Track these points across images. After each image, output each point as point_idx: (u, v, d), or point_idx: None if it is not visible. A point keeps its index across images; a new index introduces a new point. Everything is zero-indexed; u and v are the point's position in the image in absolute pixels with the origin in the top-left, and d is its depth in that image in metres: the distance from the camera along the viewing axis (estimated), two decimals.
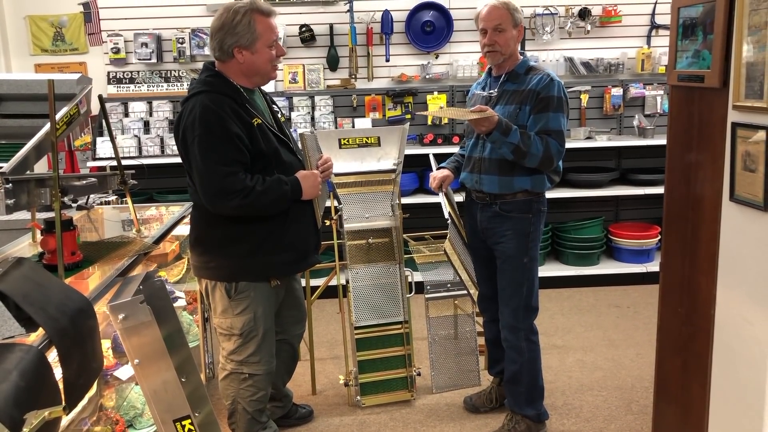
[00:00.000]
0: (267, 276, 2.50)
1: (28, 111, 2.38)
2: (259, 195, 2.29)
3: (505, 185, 2.70)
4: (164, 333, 1.85)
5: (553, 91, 2.62)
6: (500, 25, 2.64)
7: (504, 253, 2.77)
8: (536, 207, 2.75)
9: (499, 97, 2.72)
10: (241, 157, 2.30)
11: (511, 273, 2.76)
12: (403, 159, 3.23)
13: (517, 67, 2.71)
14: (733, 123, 1.95)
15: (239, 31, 2.30)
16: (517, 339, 2.79)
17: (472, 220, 2.89)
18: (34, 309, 1.44)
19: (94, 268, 2.13)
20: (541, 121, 2.63)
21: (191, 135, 2.28)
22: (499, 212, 2.75)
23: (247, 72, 2.39)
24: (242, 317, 2.48)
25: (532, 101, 2.63)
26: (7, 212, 1.89)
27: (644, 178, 4.78)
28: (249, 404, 2.58)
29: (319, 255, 2.71)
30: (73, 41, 4.87)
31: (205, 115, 2.26)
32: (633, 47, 4.99)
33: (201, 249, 2.49)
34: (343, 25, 4.83)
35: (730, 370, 2.06)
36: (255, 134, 2.33)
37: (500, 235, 2.76)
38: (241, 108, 2.34)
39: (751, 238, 1.91)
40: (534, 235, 2.76)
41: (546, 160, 2.63)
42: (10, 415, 1.17)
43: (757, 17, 1.81)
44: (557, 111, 2.63)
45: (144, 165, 3.42)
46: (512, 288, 2.77)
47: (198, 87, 2.36)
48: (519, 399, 2.85)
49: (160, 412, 1.88)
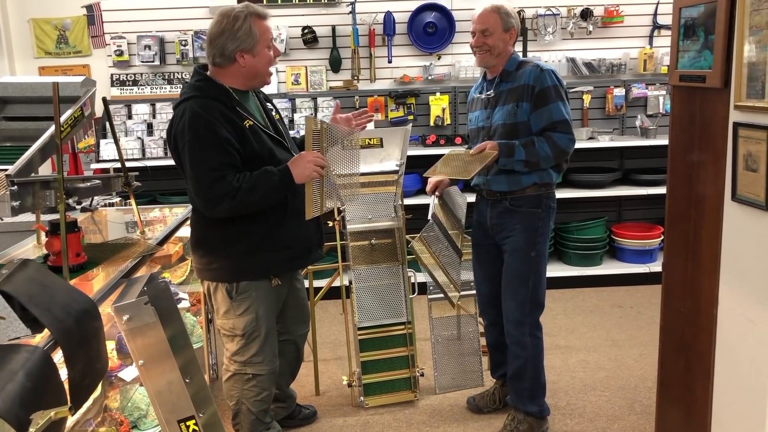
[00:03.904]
0: (268, 274, 2.50)
1: (32, 114, 2.39)
2: (246, 192, 2.28)
3: (514, 182, 2.72)
4: (168, 334, 1.86)
5: (546, 82, 2.63)
6: (487, 30, 2.67)
7: (512, 245, 2.77)
8: (546, 203, 2.75)
9: (497, 99, 2.73)
10: (231, 160, 2.29)
11: (518, 266, 2.76)
12: (406, 160, 3.23)
13: (508, 66, 2.73)
14: (734, 123, 1.95)
15: (240, 36, 2.31)
16: (521, 334, 2.78)
17: (480, 216, 2.90)
18: (40, 310, 1.45)
19: (98, 269, 2.14)
20: (544, 116, 2.64)
21: (182, 141, 2.30)
22: (509, 207, 2.76)
23: (248, 75, 2.40)
24: (244, 318, 2.49)
25: (529, 97, 2.64)
26: (13, 214, 1.90)
27: (647, 178, 4.77)
28: (253, 404, 2.59)
29: (323, 250, 2.70)
30: (77, 44, 4.89)
31: (194, 121, 2.27)
32: (635, 47, 4.99)
33: (202, 251, 2.50)
34: (346, 27, 4.84)
35: (733, 369, 2.06)
36: (247, 136, 2.33)
37: (509, 229, 2.77)
38: (231, 111, 2.33)
39: (753, 237, 1.91)
40: (543, 230, 2.76)
41: (559, 154, 2.66)
42: (17, 415, 1.18)
43: (759, 17, 1.82)
44: (556, 100, 2.63)
45: (147, 167, 3.44)
46: (518, 281, 2.76)
47: (188, 92, 2.36)
48: (522, 395, 2.84)
49: (165, 412, 1.89)
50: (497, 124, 2.71)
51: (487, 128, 2.77)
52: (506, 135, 2.68)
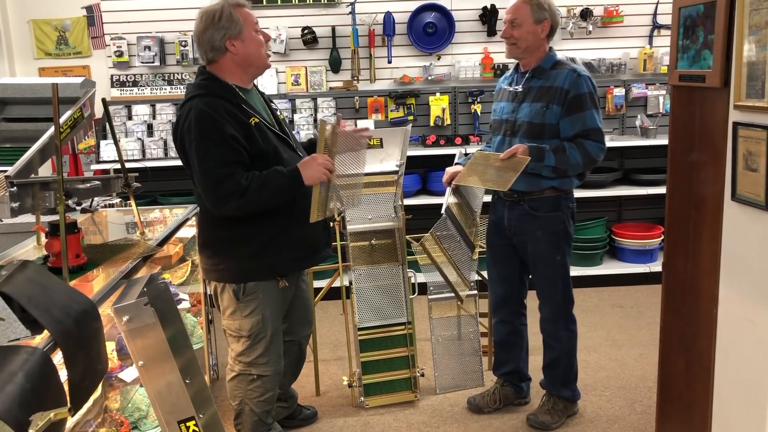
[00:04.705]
0: (275, 275, 2.50)
1: (32, 115, 2.39)
2: (255, 192, 2.29)
3: (533, 183, 2.70)
4: (168, 335, 1.86)
5: (583, 88, 2.61)
6: (516, 20, 2.63)
7: (535, 253, 2.79)
8: (565, 204, 2.76)
9: (525, 94, 2.71)
10: (238, 157, 2.30)
11: (546, 272, 2.81)
12: (406, 160, 3.23)
13: (543, 63, 2.69)
14: (734, 123, 1.95)
15: (224, 24, 2.34)
16: (556, 329, 2.86)
17: (496, 217, 2.89)
18: (39, 311, 1.45)
19: (98, 270, 2.14)
20: (577, 123, 2.62)
21: (188, 139, 2.31)
22: (528, 210, 2.75)
23: (242, 63, 2.40)
24: (251, 319, 2.49)
25: (561, 101, 2.61)
26: (12, 215, 1.90)
27: (647, 178, 4.77)
28: (257, 405, 2.59)
29: (330, 250, 2.71)
30: (77, 45, 4.89)
31: (201, 119, 2.28)
32: (635, 47, 4.99)
33: (209, 252, 2.50)
34: (345, 27, 4.84)
35: (733, 369, 2.06)
36: (253, 133, 2.34)
37: (530, 234, 2.77)
38: (237, 108, 2.34)
39: (753, 237, 1.91)
40: (565, 233, 2.77)
41: (589, 163, 2.66)
42: (16, 416, 1.18)
43: (758, 17, 1.82)
44: (591, 108, 2.63)
45: (147, 168, 3.44)
46: (549, 286, 2.82)
47: (193, 91, 2.38)
48: (555, 382, 2.95)
49: (165, 413, 1.89)
50: (523, 121, 2.69)
51: (511, 122, 2.75)
52: (531, 133, 2.66)
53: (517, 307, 3.00)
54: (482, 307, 3.49)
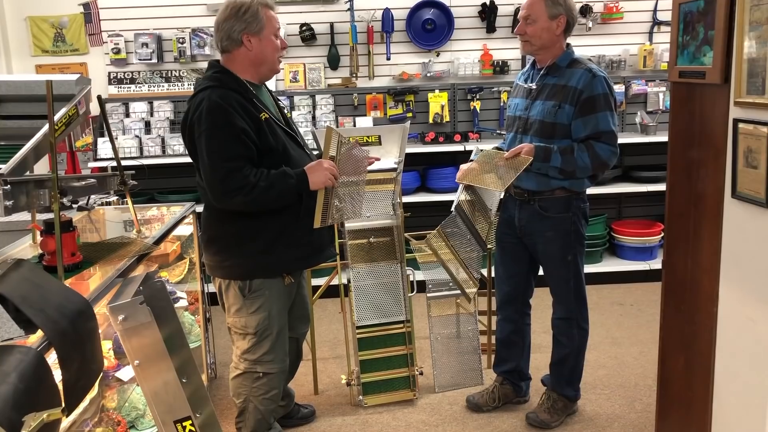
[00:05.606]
0: (282, 272, 2.50)
1: (27, 112, 2.37)
2: (262, 191, 2.29)
3: (543, 183, 2.68)
4: (164, 334, 1.85)
5: (597, 90, 2.56)
6: (530, 17, 2.60)
7: (546, 253, 2.79)
8: (576, 204, 2.73)
9: (539, 92, 2.68)
10: (247, 152, 2.30)
11: (558, 271, 2.80)
12: (405, 157, 3.22)
13: (559, 60, 2.66)
14: (734, 119, 1.94)
15: (247, 18, 2.34)
16: (569, 327, 2.86)
17: (508, 215, 2.88)
18: (34, 311, 1.43)
19: (94, 269, 2.13)
20: (589, 125, 2.58)
21: (198, 130, 2.30)
22: (538, 211, 2.73)
23: (255, 60, 2.40)
24: (256, 316, 2.48)
25: (575, 101, 2.57)
26: (6, 214, 1.88)
27: (647, 175, 4.76)
28: (261, 402, 2.58)
29: (335, 248, 2.70)
30: (74, 42, 4.87)
31: (212, 110, 2.27)
32: (635, 44, 4.97)
33: (215, 248, 2.49)
34: (344, 24, 4.82)
35: (733, 367, 2.05)
36: (263, 129, 2.34)
37: (540, 235, 2.76)
38: (249, 103, 2.34)
39: (753, 235, 1.90)
40: (577, 233, 2.75)
41: (599, 166, 2.63)
42: (9, 417, 1.17)
43: (759, 13, 1.80)
44: (604, 110, 2.57)
45: (144, 165, 3.43)
46: (561, 286, 2.82)
47: (205, 83, 2.37)
48: (561, 380, 2.95)
49: (161, 413, 1.88)
50: (534, 119, 2.67)
51: (524, 119, 2.73)
52: (542, 132, 2.64)
53: (522, 305, 2.99)
54: (481, 305, 3.48)
